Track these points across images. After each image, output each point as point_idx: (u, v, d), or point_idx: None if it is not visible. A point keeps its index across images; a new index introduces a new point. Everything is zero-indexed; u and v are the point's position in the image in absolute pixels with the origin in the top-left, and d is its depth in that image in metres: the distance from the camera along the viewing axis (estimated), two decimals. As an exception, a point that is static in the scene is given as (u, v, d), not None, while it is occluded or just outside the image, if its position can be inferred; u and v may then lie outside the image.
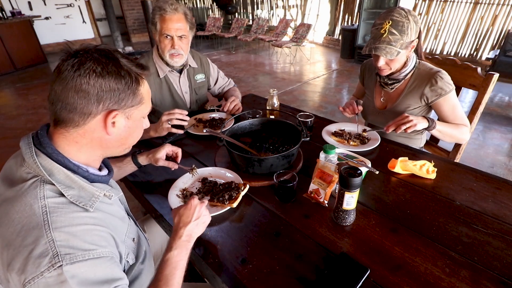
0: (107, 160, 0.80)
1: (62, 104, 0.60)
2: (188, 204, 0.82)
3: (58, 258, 0.52)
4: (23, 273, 0.52)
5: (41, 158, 0.61)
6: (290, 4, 8.19)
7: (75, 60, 0.59)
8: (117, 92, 0.62)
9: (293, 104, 4.01)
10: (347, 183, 0.82)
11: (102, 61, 0.60)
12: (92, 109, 0.61)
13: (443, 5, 5.53)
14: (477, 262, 0.78)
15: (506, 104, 3.96)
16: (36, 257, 0.52)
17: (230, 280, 0.76)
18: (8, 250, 0.54)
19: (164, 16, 1.43)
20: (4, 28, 5.57)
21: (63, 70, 0.59)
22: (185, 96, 1.73)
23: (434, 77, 1.29)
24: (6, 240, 0.55)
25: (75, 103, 0.59)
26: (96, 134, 0.64)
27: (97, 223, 0.62)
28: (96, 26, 8.07)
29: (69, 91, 0.59)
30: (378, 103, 1.53)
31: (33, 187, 0.59)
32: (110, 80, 0.61)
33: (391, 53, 1.20)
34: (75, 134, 0.63)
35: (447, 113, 1.33)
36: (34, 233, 0.54)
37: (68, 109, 0.60)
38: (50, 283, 0.51)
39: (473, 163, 2.66)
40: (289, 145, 1.26)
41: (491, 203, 0.99)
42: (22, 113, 4.04)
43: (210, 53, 7.06)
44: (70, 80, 0.58)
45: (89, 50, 0.61)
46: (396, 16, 1.19)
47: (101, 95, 0.61)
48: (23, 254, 0.53)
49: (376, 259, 0.80)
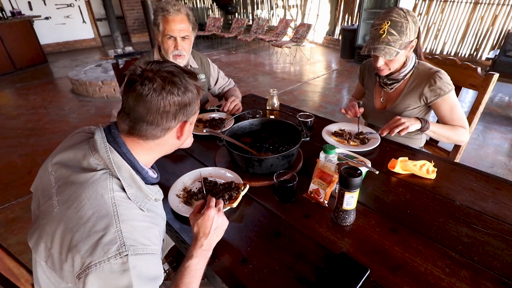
0: (154, 164, 0.84)
1: (144, 123, 0.67)
2: (205, 216, 0.81)
3: (125, 248, 0.58)
4: (90, 255, 0.56)
5: (114, 155, 0.67)
6: (290, 4, 8.19)
7: (155, 85, 0.65)
8: (188, 106, 0.71)
9: (293, 104, 4.01)
10: (347, 183, 0.82)
11: (175, 82, 0.67)
12: (171, 125, 0.70)
13: (443, 5, 5.53)
14: (477, 262, 0.78)
15: (506, 104, 3.96)
16: (106, 244, 0.57)
17: (230, 280, 0.76)
18: (75, 232, 0.58)
19: (167, 17, 1.43)
20: (4, 28, 5.57)
21: (145, 94, 0.64)
22: None
23: (433, 77, 1.29)
24: (72, 223, 0.59)
25: (158, 122, 0.67)
26: (169, 142, 0.74)
27: (152, 222, 0.68)
28: (96, 26, 8.07)
29: (152, 112, 0.66)
30: (378, 103, 1.53)
31: (103, 178, 0.65)
32: (184, 98, 0.68)
33: (390, 54, 1.20)
34: (151, 144, 0.71)
35: (445, 113, 1.33)
36: (104, 221, 0.59)
37: (152, 127, 0.68)
38: (114, 270, 0.56)
39: (473, 163, 2.66)
40: (289, 145, 1.26)
41: (491, 203, 0.99)
42: (22, 113, 4.04)
43: (210, 53, 7.06)
44: (154, 103, 0.65)
45: (159, 72, 0.67)
46: (394, 16, 1.19)
47: (177, 112, 0.69)
48: (93, 239, 0.57)
49: (376, 259, 0.80)
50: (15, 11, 6.05)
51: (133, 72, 0.67)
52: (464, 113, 1.35)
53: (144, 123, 0.67)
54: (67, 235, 0.59)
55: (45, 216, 0.64)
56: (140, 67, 0.67)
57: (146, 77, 0.65)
